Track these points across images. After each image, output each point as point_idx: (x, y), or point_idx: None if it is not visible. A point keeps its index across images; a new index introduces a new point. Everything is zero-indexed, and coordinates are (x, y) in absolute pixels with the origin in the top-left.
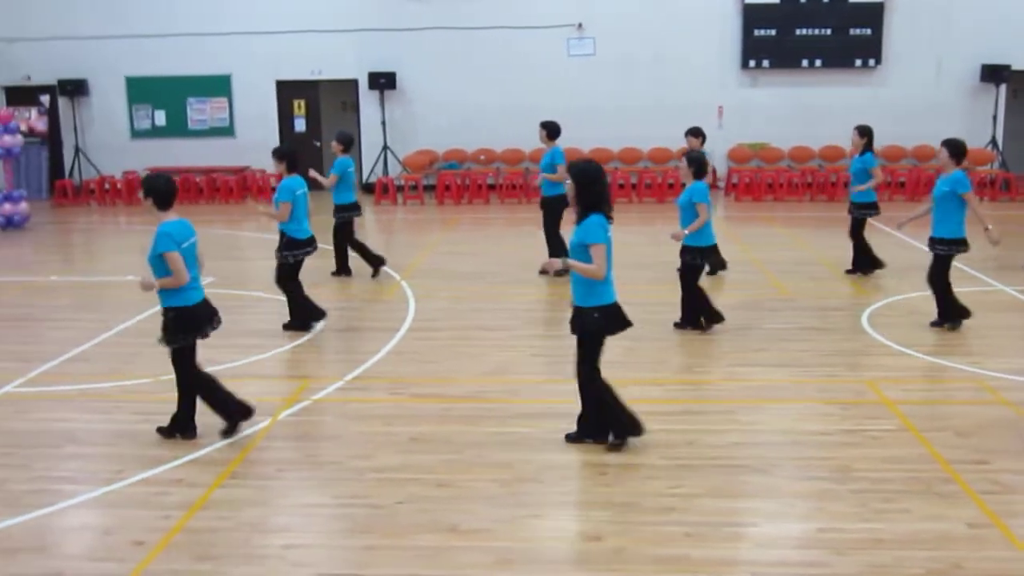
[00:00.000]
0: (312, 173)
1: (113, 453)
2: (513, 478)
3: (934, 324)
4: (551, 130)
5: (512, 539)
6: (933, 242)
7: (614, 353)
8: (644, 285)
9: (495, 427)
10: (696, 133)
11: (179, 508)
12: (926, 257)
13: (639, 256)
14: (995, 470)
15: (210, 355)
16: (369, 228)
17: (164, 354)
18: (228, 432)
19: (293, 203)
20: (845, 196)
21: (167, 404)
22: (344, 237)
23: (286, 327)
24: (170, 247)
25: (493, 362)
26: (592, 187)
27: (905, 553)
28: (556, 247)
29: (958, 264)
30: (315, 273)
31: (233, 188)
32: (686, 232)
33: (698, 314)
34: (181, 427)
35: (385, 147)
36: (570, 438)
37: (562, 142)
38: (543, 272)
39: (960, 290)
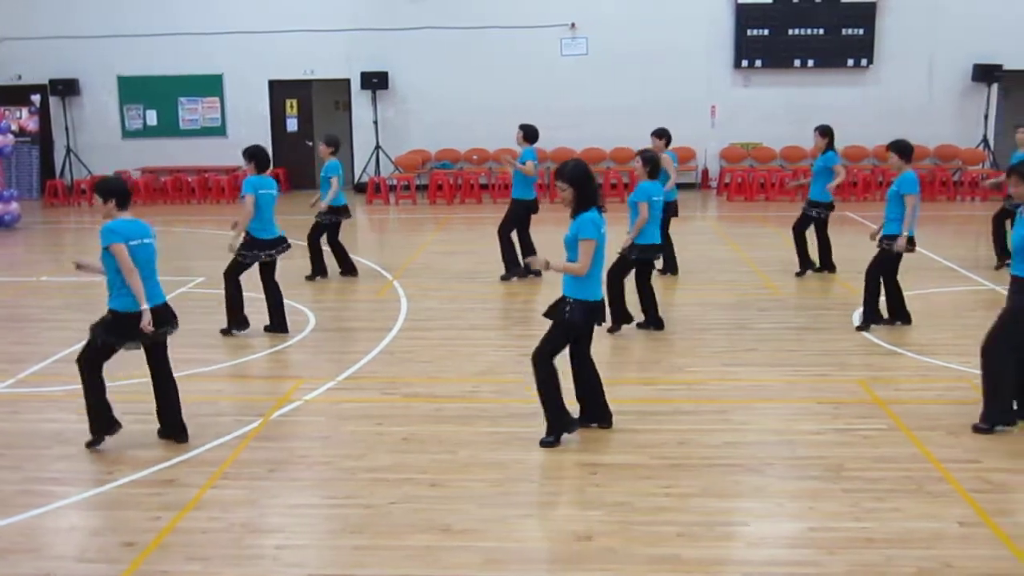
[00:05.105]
0: (315, 204)
1: (103, 454)
2: (505, 478)
3: (859, 328)
4: (528, 132)
5: (504, 539)
6: (884, 239)
7: (604, 352)
8: (632, 283)
9: (487, 427)
10: (660, 135)
11: (170, 509)
12: (916, 257)
13: None
14: (986, 469)
15: (203, 355)
16: (362, 228)
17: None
18: (92, 444)
19: (257, 200)
20: (835, 196)
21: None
22: (329, 238)
23: (227, 329)
24: (115, 239)
25: (486, 362)
26: (588, 186)
27: (896, 552)
28: (508, 249)
29: (950, 264)
30: (294, 273)
31: (225, 188)
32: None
33: (651, 313)
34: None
35: (377, 147)
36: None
37: (555, 141)
38: (525, 267)
39: (952, 289)
